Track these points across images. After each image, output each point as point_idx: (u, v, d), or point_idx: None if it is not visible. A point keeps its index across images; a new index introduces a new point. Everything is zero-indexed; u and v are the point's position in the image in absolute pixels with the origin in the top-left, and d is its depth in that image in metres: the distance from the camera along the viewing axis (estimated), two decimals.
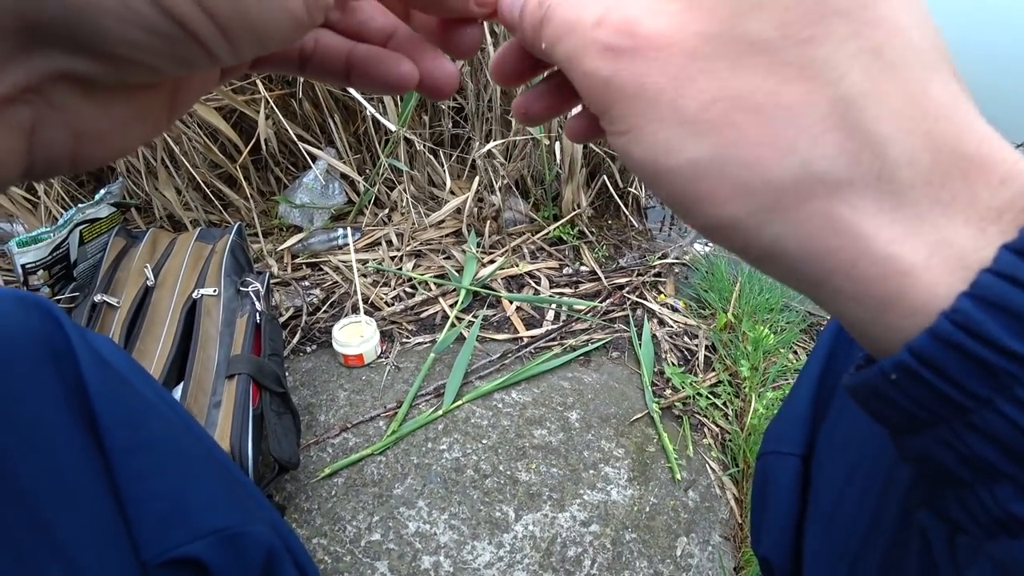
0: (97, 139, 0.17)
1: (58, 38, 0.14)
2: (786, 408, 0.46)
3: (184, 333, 0.97)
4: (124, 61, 0.15)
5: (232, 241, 1.13)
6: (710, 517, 0.97)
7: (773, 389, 1.15)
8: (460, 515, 0.93)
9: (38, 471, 0.31)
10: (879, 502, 0.33)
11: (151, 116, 0.19)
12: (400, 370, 1.17)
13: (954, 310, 0.15)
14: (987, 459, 0.16)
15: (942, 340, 0.15)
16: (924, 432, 0.17)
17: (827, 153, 0.15)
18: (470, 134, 1.57)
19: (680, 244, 1.59)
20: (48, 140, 0.16)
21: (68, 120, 0.16)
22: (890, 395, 0.17)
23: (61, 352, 0.35)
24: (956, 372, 0.15)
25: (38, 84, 0.15)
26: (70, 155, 0.17)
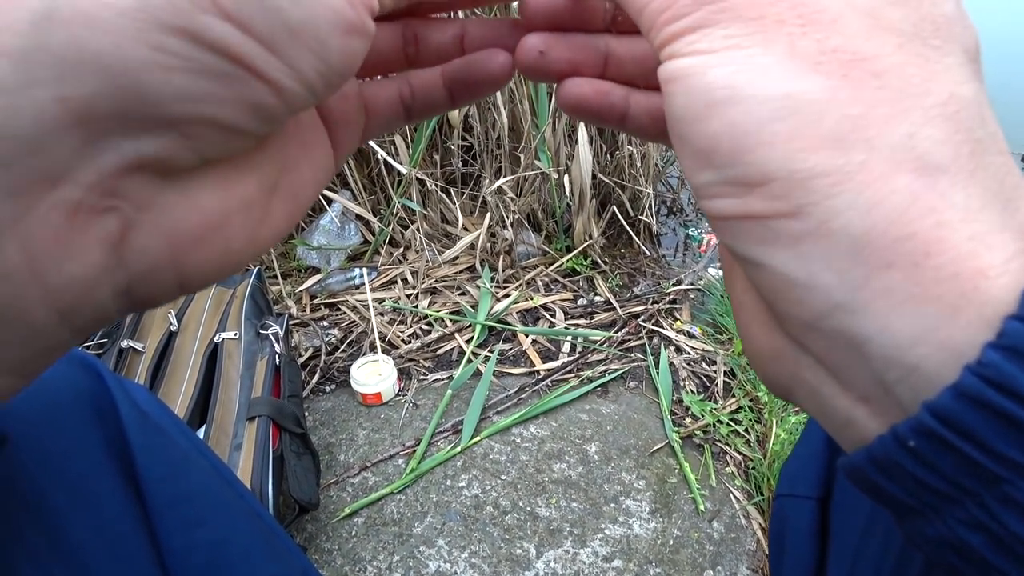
0: (195, 241, 0.16)
1: (113, 118, 0.13)
2: (801, 446, 0.45)
3: (206, 376, 0.99)
4: (184, 121, 0.14)
5: (252, 285, 1.16)
6: (736, 549, 0.95)
7: (795, 413, 1.13)
8: (480, 553, 0.92)
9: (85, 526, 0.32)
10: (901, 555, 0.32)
11: (252, 205, 0.17)
12: (418, 407, 1.17)
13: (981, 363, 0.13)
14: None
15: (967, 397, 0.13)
16: (945, 513, 0.14)
17: (935, 136, 0.14)
18: (480, 172, 1.61)
19: (694, 270, 1.59)
20: (139, 248, 0.15)
21: (157, 220, 0.15)
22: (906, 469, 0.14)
23: (104, 408, 0.36)
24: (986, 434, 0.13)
25: (113, 182, 0.14)
26: (171, 265, 0.15)
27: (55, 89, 0.12)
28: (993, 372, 0.13)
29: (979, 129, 0.15)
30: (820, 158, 0.14)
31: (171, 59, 0.13)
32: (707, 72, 0.15)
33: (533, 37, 0.20)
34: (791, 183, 0.14)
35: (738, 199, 0.15)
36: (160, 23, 0.13)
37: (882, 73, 0.14)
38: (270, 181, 0.18)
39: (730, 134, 0.15)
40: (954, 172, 0.14)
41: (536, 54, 0.20)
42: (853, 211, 0.14)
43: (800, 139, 0.14)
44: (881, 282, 0.14)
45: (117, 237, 0.14)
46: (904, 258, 0.13)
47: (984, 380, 0.13)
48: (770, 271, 0.15)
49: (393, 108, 0.22)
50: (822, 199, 0.14)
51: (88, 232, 0.14)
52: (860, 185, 0.14)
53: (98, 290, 0.14)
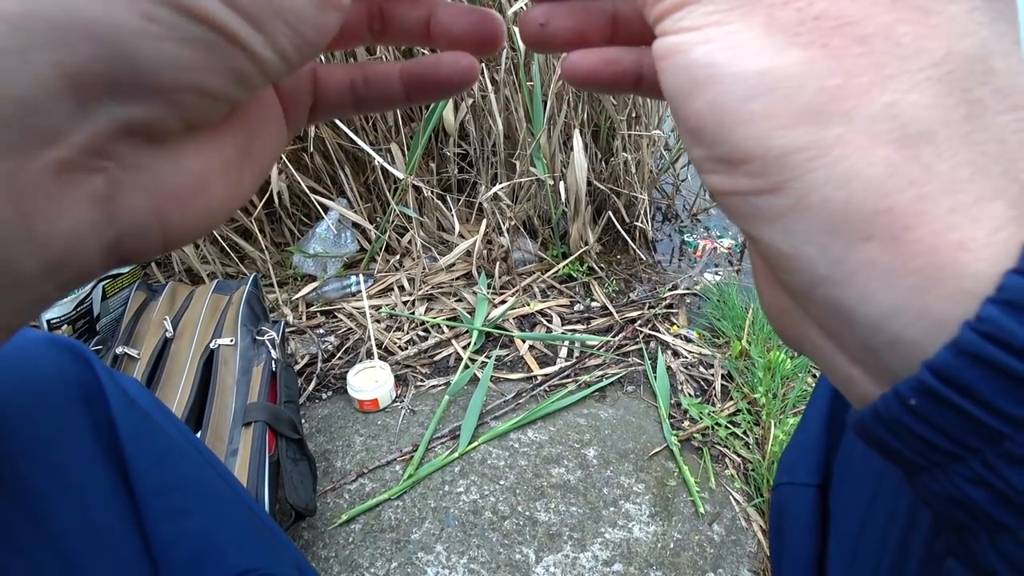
0: (179, 200, 0.16)
1: (105, 83, 0.14)
2: (799, 434, 0.45)
3: (202, 383, 0.98)
4: (172, 88, 0.15)
5: (248, 292, 1.15)
6: (737, 551, 0.94)
7: (793, 415, 1.13)
8: (479, 559, 0.91)
9: (70, 513, 0.32)
10: (903, 537, 0.32)
11: (229, 167, 0.18)
12: (415, 413, 1.17)
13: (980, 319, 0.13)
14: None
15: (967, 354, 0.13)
16: (950, 469, 0.14)
17: (922, 102, 0.13)
18: (476, 178, 1.61)
19: (690, 275, 1.59)
20: (128, 206, 0.15)
21: (143, 180, 0.16)
22: (908, 427, 0.14)
23: (92, 394, 0.35)
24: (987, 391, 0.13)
25: (103, 144, 0.14)
26: (156, 223, 0.16)
27: (51, 53, 0.13)
28: (992, 327, 0.13)
29: (980, 87, 0.14)
30: (796, 134, 0.14)
31: (161, 28, 0.14)
32: (691, 50, 0.15)
33: (534, 9, 0.20)
34: (768, 161, 0.14)
35: (726, 176, 0.15)
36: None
37: (868, 37, 0.14)
38: (243, 145, 0.18)
39: (711, 113, 0.15)
40: (942, 140, 0.13)
41: (537, 27, 0.19)
42: (830, 186, 0.14)
43: (775, 116, 0.14)
44: (861, 255, 0.14)
45: (105, 195, 0.15)
46: (883, 231, 0.13)
47: (983, 336, 0.13)
48: (762, 244, 0.15)
49: (342, 94, 0.22)
50: (800, 174, 0.14)
51: (78, 190, 0.14)
52: (837, 159, 0.14)
53: (86, 244, 0.15)
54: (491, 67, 1.43)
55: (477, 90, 1.44)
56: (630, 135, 1.55)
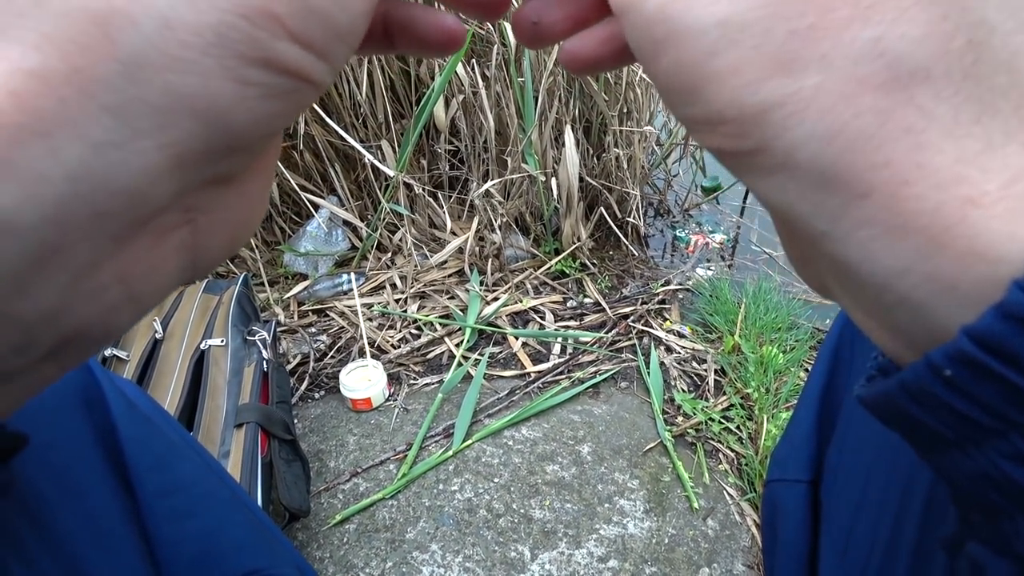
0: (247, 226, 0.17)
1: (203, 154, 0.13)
2: (790, 431, 0.45)
3: (193, 384, 0.97)
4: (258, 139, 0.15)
5: (238, 291, 1.14)
6: (731, 546, 0.95)
7: (786, 409, 1.13)
8: (474, 557, 0.91)
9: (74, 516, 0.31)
10: (893, 529, 0.32)
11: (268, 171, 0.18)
12: (409, 412, 1.16)
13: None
14: None
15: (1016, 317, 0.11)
16: (986, 446, 0.13)
17: (910, 34, 0.12)
18: (467, 175, 1.61)
19: (682, 270, 1.60)
20: (208, 244, 0.16)
21: (221, 218, 0.16)
22: (942, 400, 0.13)
23: (92, 398, 0.35)
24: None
25: (192, 202, 0.15)
26: (228, 247, 0.17)
27: (157, 138, 0.13)
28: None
29: (982, 4, 0.12)
30: (769, 89, 0.12)
31: (252, 89, 0.13)
32: (644, 5, 0.14)
33: (524, 8, 0.18)
34: (745, 121, 0.13)
35: (708, 135, 0.14)
36: (241, 56, 0.13)
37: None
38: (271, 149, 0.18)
39: (677, 73, 0.14)
40: (939, 76, 0.12)
41: (530, 26, 0.18)
42: (815, 142, 0.12)
43: (743, 72, 0.12)
44: (860, 212, 0.12)
45: (191, 243, 0.15)
46: (880, 187, 0.12)
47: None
48: (760, 197, 0.14)
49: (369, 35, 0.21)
50: (781, 132, 0.12)
51: (169, 246, 0.15)
52: (819, 112, 0.12)
53: (173, 287, 0.16)
54: (482, 62, 1.42)
55: (468, 86, 1.43)
56: (622, 131, 1.54)
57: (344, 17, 0.14)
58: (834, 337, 0.43)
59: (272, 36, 0.13)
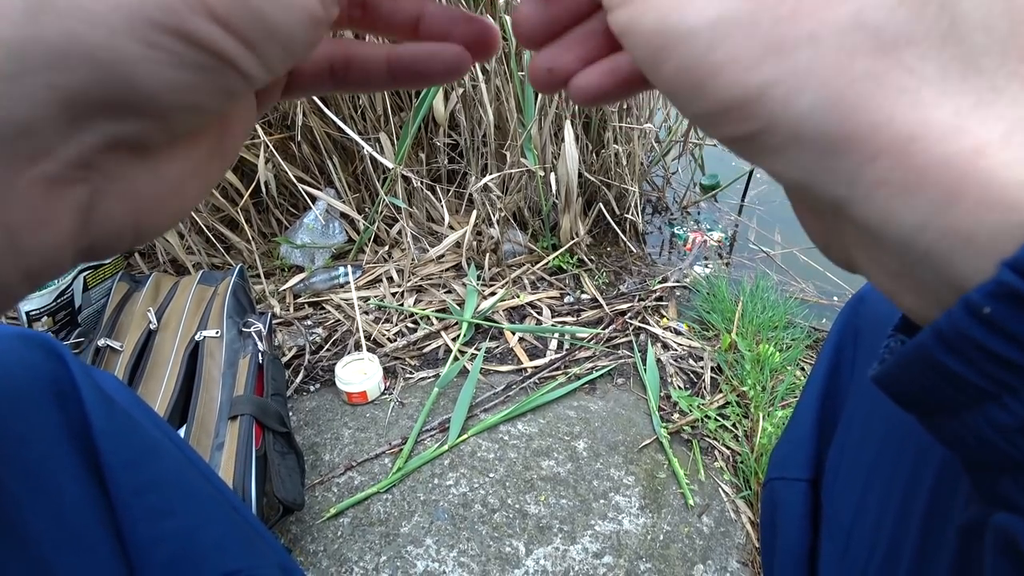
0: (157, 206, 0.17)
1: (99, 104, 0.14)
2: (790, 429, 0.45)
3: (187, 375, 0.97)
4: (166, 108, 0.15)
5: (234, 283, 1.13)
6: (726, 543, 0.95)
7: (782, 407, 1.13)
8: (469, 552, 0.91)
9: (43, 516, 0.30)
10: (895, 528, 0.32)
11: (202, 169, 0.18)
12: (404, 406, 1.16)
13: None
14: None
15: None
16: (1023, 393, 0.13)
17: (887, 2, 0.13)
18: (466, 169, 1.60)
19: (680, 267, 1.59)
20: (106, 215, 0.16)
21: (125, 191, 0.16)
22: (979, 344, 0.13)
23: (65, 391, 0.34)
24: None
25: (90, 157, 0.15)
26: (131, 227, 0.16)
27: (47, 76, 0.13)
28: None
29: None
30: (766, 71, 0.13)
31: (162, 55, 0.14)
32: (641, 21, 0.15)
33: (538, 58, 0.20)
34: (749, 104, 0.14)
35: (718, 127, 0.15)
36: (154, 22, 0.13)
37: None
38: (216, 144, 0.19)
39: (682, 75, 0.15)
40: (920, 39, 0.13)
41: (545, 73, 0.20)
42: (818, 113, 0.13)
43: (740, 59, 0.14)
44: (874, 173, 0.13)
45: (87, 206, 0.15)
46: (889, 147, 0.13)
47: None
48: (777, 176, 0.15)
49: (320, 75, 0.22)
50: (783, 109, 0.13)
51: (61, 202, 0.15)
52: (817, 84, 0.13)
53: (64, 252, 0.15)
54: None
55: (468, 80, 1.42)
56: (621, 127, 1.54)
57: (282, 17, 0.15)
58: (835, 336, 0.43)
59: (191, 11, 0.14)
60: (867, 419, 0.37)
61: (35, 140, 0.14)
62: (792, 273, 1.61)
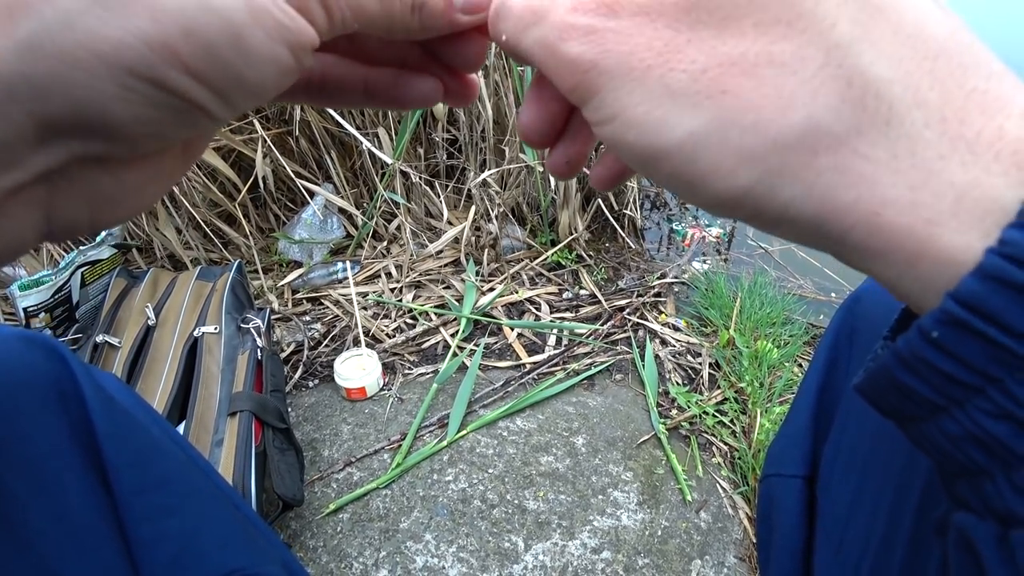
0: (115, 203, 0.18)
1: (71, 129, 0.15)
2: (787, 426, 0.45)
3: (186, 371, 0.97)
4: (133, 136, 0.16)
5: (232, 278, 1.13)
6: (724, 538, 0.95)
7: (780, 404, 1.14)
8: (468, 547, 0.91)
9: (46, 516, 0.31)
10: (888, 524, 0.32)
11: (163, 175, 0.19)
12: (403, 402, 1.16)
13: (1002, 242, 0.13)
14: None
15: (992, 277, 0.13)
16: (969, 406, 0.15)
17: (830, 103, 0.14)
18: (465, 164, 1.60)
19: (678, 263, 1.60)
20: (65, 209, 0.17)
21: (83, 189, 0.17)
22: (930, 363, 0.15)
23: (67, 392, 0.34)
24: (1011, 314, 0.13)
25: (56, 168, 0.16)
26: (87, 219, 0.18)
27: (28, 106, 0.14)
28: (1014, 249, 0.13)
29: (870, 66, 0.14)
30: (746, 174, 0.15)
31: (134, 96, 0.15)
32: (624, 138, 0.16)
33: (554, 155, 0.22)
34: (738, 199, 0.16)
35: (723, 213, 0.17)
36: (130, 70, 0.15)
37: (754, 69, 0.15)
38: (178, 155, 0.20)
39: (673, 182, 0.16)
40: (867, 128, 0.14)
41: (564, 166, 0.22)
42: (797, 202, 0.15)
43: (721, 166, 0.15)
44: (853, 240, 0.15)
45: (46, 201, 0.16)
46: (860, 221, 0.15)
47: (1006, 258, 0.13)
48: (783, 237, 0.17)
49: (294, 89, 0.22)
50: (767, 203, 0.15)
51: (21, 199, 0.16)
52: (791, 182, 0.15)
53: (23, 238, 0.17)
54: None
55: None
56: None
57: (253, 72, 0.16)
58: (831, 334, 0.43)
59: (166, 63, 0.15)
60: (861, 416, 0.37)
61: (8, 154, 0.15)
62: (790, 269, 1.62)
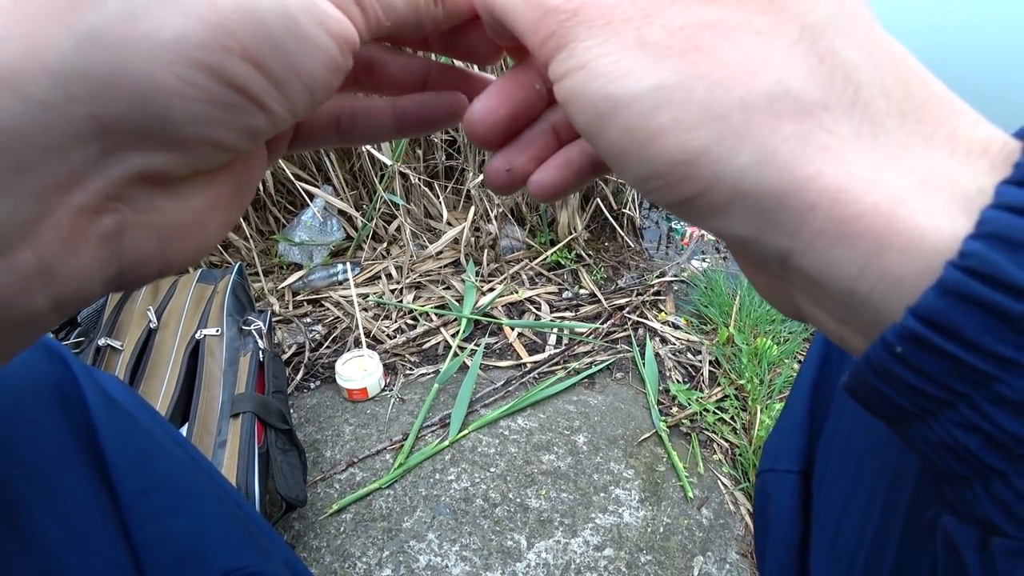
0: (181, 236, 0.18)
1: (132, 135, 0.15)
2: (782, 421, 0.46)
3: (188, 374, 0.97)
4: (193, 143, 0.16)
5: (233, 281, 1.14)
6: (725, 534, 0.96)
7: (779, 400, 1.14)
8: (471, 546, 0.91)
9: (52, 517, 0.31)
10: (881, 520, 0.33)
11: (225, 204, 0.19)
12: (404, 402, 1.17)
13: (963, 255, 0.13)
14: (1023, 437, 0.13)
15: (953, 293, 0.13)
16: (942, 417, 0.14)
17: (800, 74, 0.14)
18: (464, 165, 1.60)
19: (677, 262, 1.60)
20: (133, 244, 0.16)
21: (151, 220, 0.17)
22: (898, 376, 0.14)
23: (69, 394, 0.34)
24: (973, 330, 0.13)
25: (120, 190, 0.15)
26: (158, 258, 0.17)
27: (90, 107, 0.14)
28: (976, 262, 0.12)
29: (845, 50, 0.15)
30: (707, 131, 0.14)
31: (195, 91, 0.15)
32: (586, 88, 0.16)
33: (495, 160, 0.21)
34: (692, 163, 0.15)
35: (662, 191, 0.16)
36: (192, 59, 0.14)
37: (730, 32, 0.15)
38: (238, 183, 0.19)
39: (627, 137, 0.16)
40: (834, 106, 0.14)
41: (505, 174, 0.21)
42: (755, 168, 0.14)
43: (683, 121, 0.15)
44: (812, 223, 0.14)
45: (113, 235, 0.16)
46: (821, 198, 0.14)
47: (967, 272, 0.13)
48: (725, 235, 0.16)
49: (326, 128, 0.23)
50: (724, 167, 0.14)
51: (90, 231, 0.15)
52: (752, 145, 0.14)
53: (93, 280, 0.16)
54: None
55: None
56: None
57: (307, 59, 0.16)
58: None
59: (226, 51, 0.15)
60: (854, 412, 0.38)
61: (70, 169, 0.14)
62: None
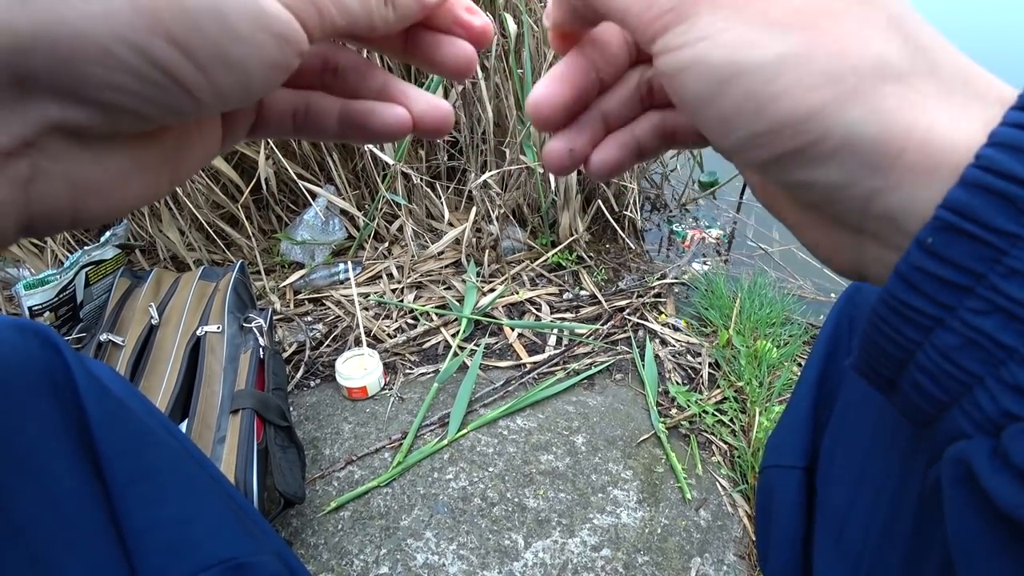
0: (95, 192, 0.18)
1: (49, 87, 0.15)
2: (786, 417, 0.46)
3: (188, 370, 0.97)
4: (112, 107, 0.16)
5: (235, 279, 1.14)
6: (723, 536, 0.96)
7: (779, 403, 1.14)
8: (469, 545, 0.91)
9: (37, 505, 0.30)
10: (889, 515, 0.32)
11: (149, 170, 0.19)
12: (404, 401, 1.17)
13: (978, 157, 0.16)
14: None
15: (972, 185, 0.16)
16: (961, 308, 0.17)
17: (894, 49, 0.18)
18: (465, 166, 1.61)
19: (678, 264, 1.60)
20: (46, 192, 0.17)
21: (65, 171, 0.17)
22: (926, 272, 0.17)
23: (60, 380, 0.34)
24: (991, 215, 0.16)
25: (35, 136, 0.16)
26: (70, 208, 0.18)
27: (8, 58, 0.15)
28: (989, 162, 0.16)
29: (919, 32, 0.18)
30: (824, 91, 0.17)
31: (117, 63, 0.15)
32: (708, 57, 0.18)
33: (559, 141, 0.23)
34: (807, 119, 0.18)
35: (773, 144, 0.18)
36: (116, 34, 0.15)
37: (839, 15, 0.18)
38: (168, 153, 0.20)
39: (748, 100, 0.18)
40: (920, 74, 0.18)
41: (567, 154, 0.23)
42: (863, 122, 0.17)
43: (803, 82, 0.17)
44: (903, 163, 0.17)
45: (26, 179, 0.16)
46: (913, 142, 0.17)
47: (982, 169, 0.16)
48: (821, 185, 0.19)
49: (284, 119, 0.23)
50: (836, 122, 0.17)
51: (3, 172, 0.16)
52: (862, 101, 0.17)
53: (5, 223, 0.16)
54: (482, 54, 1.41)
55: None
56: None
57: (239, 53, 0.17)
58: (831, 325, 0.43)
59: (151, 32, 0.15)
60: (861, 405, 0.38)
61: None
62: (790, 270, 1.62)
